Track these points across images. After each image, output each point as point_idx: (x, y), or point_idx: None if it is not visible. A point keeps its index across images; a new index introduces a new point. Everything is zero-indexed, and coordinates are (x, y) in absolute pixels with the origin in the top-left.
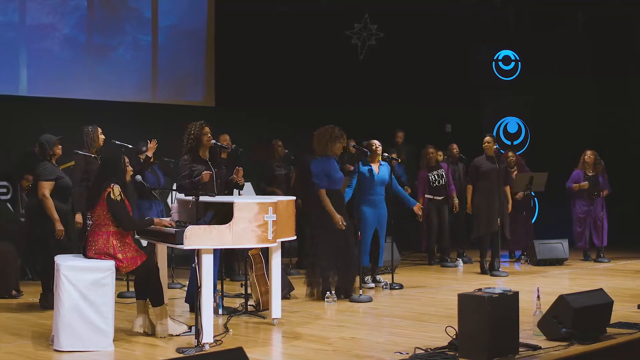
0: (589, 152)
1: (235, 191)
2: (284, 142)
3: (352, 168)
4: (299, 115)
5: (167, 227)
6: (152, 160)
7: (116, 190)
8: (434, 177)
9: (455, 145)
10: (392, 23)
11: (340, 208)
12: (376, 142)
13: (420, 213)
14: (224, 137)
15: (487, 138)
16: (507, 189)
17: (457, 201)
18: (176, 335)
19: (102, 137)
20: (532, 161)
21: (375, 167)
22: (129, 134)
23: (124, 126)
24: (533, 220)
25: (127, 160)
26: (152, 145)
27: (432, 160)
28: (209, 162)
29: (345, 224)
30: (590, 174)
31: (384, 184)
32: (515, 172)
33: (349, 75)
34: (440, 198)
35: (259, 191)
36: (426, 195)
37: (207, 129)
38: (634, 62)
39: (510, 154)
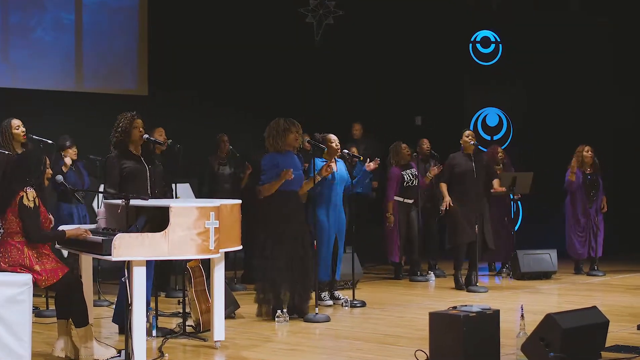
0: (587, 147)
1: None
2: (230, 137)
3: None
4: (245, 106)
5: (83, 237)
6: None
7: (30, 195)
8: (409, 176)
9: (425, 140)
10: None
11: (297, 213)
12: (334, 137)
13: (374, 166)
14: (159, 131)
15: (468, 133)
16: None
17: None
18: None
19: (17, 131)
20: (515, 159)
21: (333, 164)
22: (49, 127)
23: (44, 118)
24: (516, 228)
25: (48, 161)
26: (72, 152)
27: (405, 157)
28: (142, 159)
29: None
30: (588, 172)
31: (343, 184)
32: (500, 172)
33: (303, 60)
34: (410, 201)
35: (203, 195)
36: (395, 198)
37: (139, 121)
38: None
39: (499, 150)
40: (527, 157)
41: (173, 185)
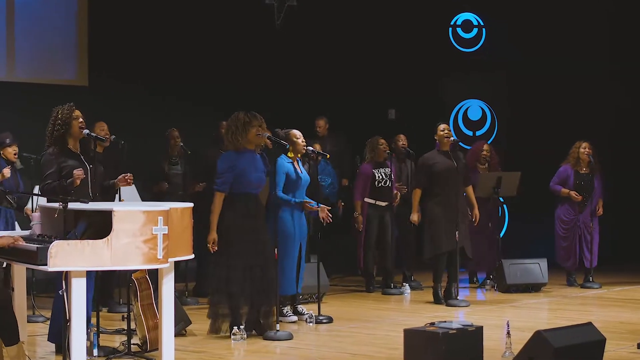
0: (585, 144)
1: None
2: (181, 133)
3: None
4: (197, 98)
5: (14, 245)
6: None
7: None
8: (381, 175)
9: (402, 137)
10: None
11: (257, 218)
12: (298, 133)
13: (324, 217)
14: (100, 126)
15: (443, 126)
16: (470, 190)
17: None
18: None
19: None
20: (500, 157)
21: (296, 164)
22: None
23: None
24: (501, 234)
25: None
26: (11, 151)
27: (380, 154)
28: (82, 157)
29: (216, 245)
30: (583, 172)
31: (306, 187)
32: (487, 172)
33: (261, 47)
34: (384, 204)
35: (152, 194)
36: (366, 199)
37: (77, 112)
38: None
39: (485, 147)
40: (513, 155)
41: None
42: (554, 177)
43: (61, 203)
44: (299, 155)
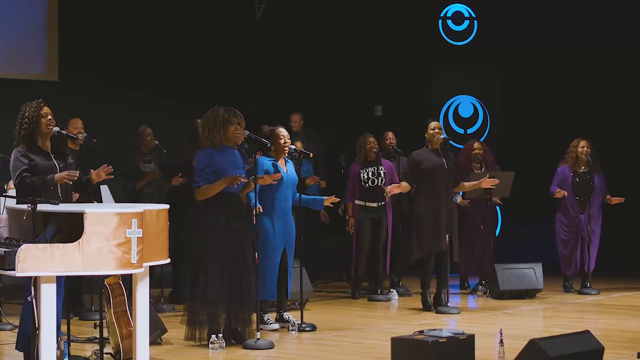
0: (583, 142)
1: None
2: (154, 130)
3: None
4: (173, 94)
5: None
6: None
7: None
8: (367, 175)
9: (390, 134)
10: None
11: (236, 219)
12: (284, 132)
13: (332, 203)
14: (74, 123)
15: (434, 124)
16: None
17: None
18: None
19: None
20: (493, 156)
21: (281, 163)
22: None
23: None
24: (494, 238)
25: None
26: None
27: (369, 153)
28: (52, 155)
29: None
30: (582, 171)
31: (293, 187)
32: (481, 172)
33: (241, 40)
34: (374, 205)
35: (127, 195)
36: (356, 202)
37: (46, 109)
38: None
39: (476, 145)
40: (507, 154)
41: None
42: (554, 180)
43: (30, 205)
44: (286, 154)
